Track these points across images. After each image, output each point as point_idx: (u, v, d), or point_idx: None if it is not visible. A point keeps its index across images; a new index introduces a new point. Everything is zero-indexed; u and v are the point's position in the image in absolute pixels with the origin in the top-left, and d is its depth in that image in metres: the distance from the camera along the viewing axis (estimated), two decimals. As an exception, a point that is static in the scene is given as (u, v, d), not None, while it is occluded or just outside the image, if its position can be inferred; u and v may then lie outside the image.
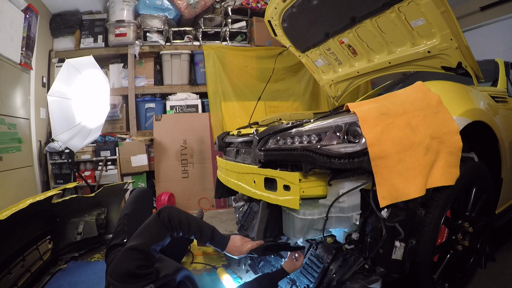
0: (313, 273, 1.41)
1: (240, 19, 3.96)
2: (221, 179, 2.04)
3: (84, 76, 2.80)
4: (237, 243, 1.30)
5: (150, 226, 1.19)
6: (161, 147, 3.63)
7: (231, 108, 3.77)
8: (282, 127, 1.41)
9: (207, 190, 3.63)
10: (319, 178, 1.22)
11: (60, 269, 2.01)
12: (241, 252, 1.30)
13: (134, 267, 1.08)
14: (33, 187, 3.15)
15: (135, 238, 1.16)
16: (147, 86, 3.87)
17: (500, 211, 1.72)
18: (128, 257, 1.11)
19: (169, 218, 1.19)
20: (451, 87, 1.36)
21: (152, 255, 1.14)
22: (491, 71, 2.09)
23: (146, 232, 1.17)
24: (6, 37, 2.69)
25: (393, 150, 1.04)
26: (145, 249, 1.12)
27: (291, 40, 2.43)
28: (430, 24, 1.62)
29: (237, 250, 1.29)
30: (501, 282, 1.58)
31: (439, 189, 1.15)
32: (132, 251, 1.11)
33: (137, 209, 1.59)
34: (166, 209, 1.21)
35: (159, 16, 3.70)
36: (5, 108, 2.75)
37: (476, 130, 1.40)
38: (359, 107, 1.15)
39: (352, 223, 1.20)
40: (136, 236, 1.17)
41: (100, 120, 2.72)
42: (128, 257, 1.11)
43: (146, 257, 1.12)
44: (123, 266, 1.10)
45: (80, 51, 3.70)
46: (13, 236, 1.67)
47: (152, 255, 1.14)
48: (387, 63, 2.02)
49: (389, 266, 1.12)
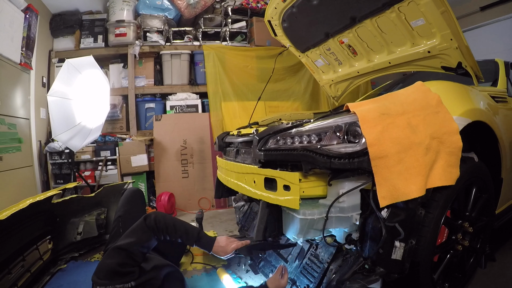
0: (313, 273, 1.41)
1: (240, 19, 3.96)
2: (221, 179, 2.04)
3: (84, 76, 2.80)
4: (222, 243, 1.33)
5: (136, 229, 1.24)
6: (161, 147, 3.64)
7: (231, 108, 3.77)
8: (282, 127, 1.41)
9: (207, 190, 3.63)
10: (319, 178, 1.22)
11: (60, 269, 2.00)
12: (226, 252, 1.33)
13: (116, 264, 1.13)
14: (33, 187, 3.15)
15: (121, 240, 1.21)
16: (147, 86, 3.88)
17: (500, 211, 1.72)
18: (112, 255, 1.16)
19: (155, 221, 1.23)
20: (451, 87, 1.36)
21: (135, 255, 1.17)
22: (491, 71, 2.09)
23: (132, 234, 1.22)
24: (6, 37, 2.69)
25: (393, 150, 1.04)
26: (128, 248, 1.16)
27: (291, 40, 2.43)
28: (430, 24, 1.62)
29: (223, 250, 1.33)
30: (501, 282, 1.58)
31: (439, 189, 1.15)
32: (116, 250, 1.17)
33: (130, 211, 1.62)
34: (152, 214, 1.27)
35: (159, 16, 3.70)
36: (5, 108, 2.76)
37: (476, 130, 1.40)
38: (359, 107, 1.15)
39: (352, 223, 1.20)
40: (122, 237, 1.23)
41: (100, 120, 2.72)
42: (111, 256, 1.16)
43: (129, 256, 1.16)
44: (106, 264, 1.15)
45: (80, 51, 3.70)
46: (13, 236, 1.66)
47: (135, 254, 1.17)
48: (387, 63, 2.02)
49: (389, 266, 1.12)
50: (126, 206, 1.64)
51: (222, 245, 1.33)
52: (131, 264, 1.16)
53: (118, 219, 1.57)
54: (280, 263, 1.64)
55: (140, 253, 1.19)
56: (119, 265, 1.13)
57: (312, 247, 1.49)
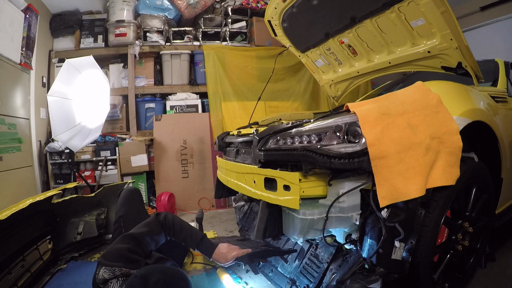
0: (313, 273, 1.41)
1: (240, 19, 3.96)
2: (221, 179, 2.04)
3: (84, 76, 2.80)
4: (223, 250, 1.37)
5: (149, 222, 1.34)
6: (161, 147, 3.64)
7: (231, 108, 3.77)
8: (282, 127, 1.41)
9: (207, 190, 3.63)
10: (319, 178, 1.22)
11: (60, 269, 2.00)
12: (227, 259, 1.36)
13: (126, 249, 1.17)
14: (33, 187, 3.15)
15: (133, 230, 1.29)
16: (147, 86, 3.87)
17: (500, 211, 1.72)
18: (122, 241, 1.22)
19: (165, 219, 1.36)
20: (451, 87, 1.36)
21: (144, 244, 1.24)
22: (491, 71, 2.09)
23: (145, 226, 1.32)
24: (6, 37, 2.69)
25: (393, 150, 1.04)
26: (138, 237, 1.23)
27: (291, 40, 2.43)
28: (430, 24, 1.62)
29: (223, 257, 1.36)
30: (501, 282, 1.58)
31: (439, 189, 1.15)
32: (127, 237, 1.24)
33: (130, 210, 1.65)
34: (164, 212, 1.40)
35: (159, 16, 3.70)
36: (5, 108, 2.76)
37: (476, 130, 1.40)
38: (359, 107, 1.15)
39: (352, 223, 1.20)
40: (134, 229, 1.30)
41: (100, 120, 2.72)
42: (122, 241, 1.22)
43: (138, 244, 1.22)
44: (116, 248, 1.19)
45: (80, 51, 3.70)
46: (13, 236, 1.66)
47: (144, 245, 1.24)
48: (387, 63, 2.02)
49: (389, 266, 1.12)
50: (126, 206, 1.67)
51: (223, 252, 1.36)
52: (139, 252, 1.20)
53: (119, 219, 1.60)
54: (279, 263, 1.64)
55: (149, 244, 1.26)
56: (128, 251, 1.17)
57: (312, 247, 1.49)
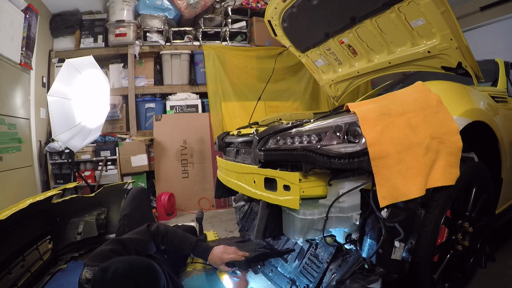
0: (312, 273, 1.41)
1: (240, 19, 3.96)
2: (221, 179, 2.04)
3: (84, 76, 2.79)
4: (218, 252, 1.39)
5: (139, 230, 1.39)
6: (161, 147, 3.63)
7: (231, 108, 3.77)
8: (282, 127, 1.41)
9: (207, 190, 3.62)
10: (319, 178, 1.22)
11: (60, 269, 2.00)
12: (222, 259, 1.38)
13: (108, 250, 1.21)
14: (33, 187, 3.15)
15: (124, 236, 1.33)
16: (147, 86, 3.87)
17: (500, 211, 1.72)
18: (108, 243, 1.27)
19: (156, 230, 1.39)
20: (451, 87, 1.36)
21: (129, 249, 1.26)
22: (491, 71, 2.09)
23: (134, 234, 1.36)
24: (6, 37, 2.69)
25: (393, 150, 1.04)
26: (125, 241, 1.27)
27: (291, 40, 2.43)
28: (430, 24, 1.62)
29: (219, 257, 1.38)
30: (501, 282, 1.58)
31: (439, 189, 1.15)
32: (114, 240, 1.29)
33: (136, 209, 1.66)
34: (156, 224, 1.44)
35: (159, 16, 3.70)
36: (5, 108, 2.76)
37: (476, 130, 1.40)
38: (359, 107, 1.15)
39: (352, 223, 1.20)
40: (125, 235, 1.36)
41: (100, 120, 2.72)
42: (108, 244, 1.27)
43: (124, 248, 1.25)
44: (100, 249, 1.23)
45: (80, 51, 3.70)
46: (13, 236, 1.67)
47: (129, 248, 1.26)
48: (387, 63, 2.02)
49: (389, 266, 1.12)
50: (132, 205, 1.69)
51: (218, 254, 1.38)
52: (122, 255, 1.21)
53: (124, 218, 1.62)
54: (279, 263, 1.64)
55: (136, 250, 1.28)
56: (111, 252, 1.20)
57: (312, 247, 1.49)
